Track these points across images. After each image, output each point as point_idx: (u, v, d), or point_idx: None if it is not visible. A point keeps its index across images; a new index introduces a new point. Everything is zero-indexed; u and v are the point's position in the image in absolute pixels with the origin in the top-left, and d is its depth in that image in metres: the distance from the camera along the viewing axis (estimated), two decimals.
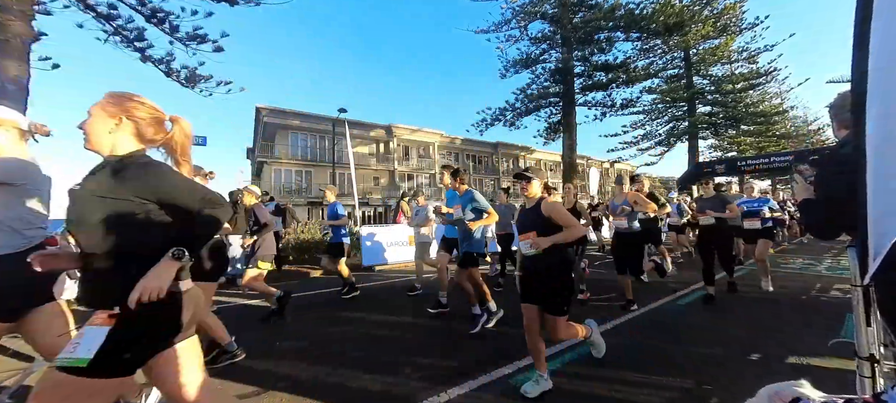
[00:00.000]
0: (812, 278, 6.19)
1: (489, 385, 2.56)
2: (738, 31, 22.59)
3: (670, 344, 3.28)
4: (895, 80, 0.91)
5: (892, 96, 0.92)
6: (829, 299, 4.77)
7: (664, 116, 25.64)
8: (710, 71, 24.57)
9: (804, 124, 32.69)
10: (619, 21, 19.29)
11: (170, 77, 10.45)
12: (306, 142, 28.03)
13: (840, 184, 1.31)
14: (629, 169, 51.65)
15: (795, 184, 1.78)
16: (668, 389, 2.44)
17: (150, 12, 9.56)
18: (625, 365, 2.85)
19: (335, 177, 24.46)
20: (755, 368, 2.76)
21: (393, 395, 2.46)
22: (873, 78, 0.95)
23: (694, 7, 20.62)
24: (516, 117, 22.14)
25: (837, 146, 1.52)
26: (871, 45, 0.95)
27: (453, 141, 34.72)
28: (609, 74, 21.02)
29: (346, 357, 3.16)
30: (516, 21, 20.41)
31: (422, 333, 3.81)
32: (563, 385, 2.55)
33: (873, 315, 1.28)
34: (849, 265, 1.39)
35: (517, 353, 3.07)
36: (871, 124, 0.97)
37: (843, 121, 1.60)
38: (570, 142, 20.50)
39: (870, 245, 1.04)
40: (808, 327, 3.66)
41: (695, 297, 5.05)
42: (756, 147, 25.76)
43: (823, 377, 2.55)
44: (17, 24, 7.03)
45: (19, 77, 7.06)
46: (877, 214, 0.99)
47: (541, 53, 20.97)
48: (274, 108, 25.92)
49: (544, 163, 43.55)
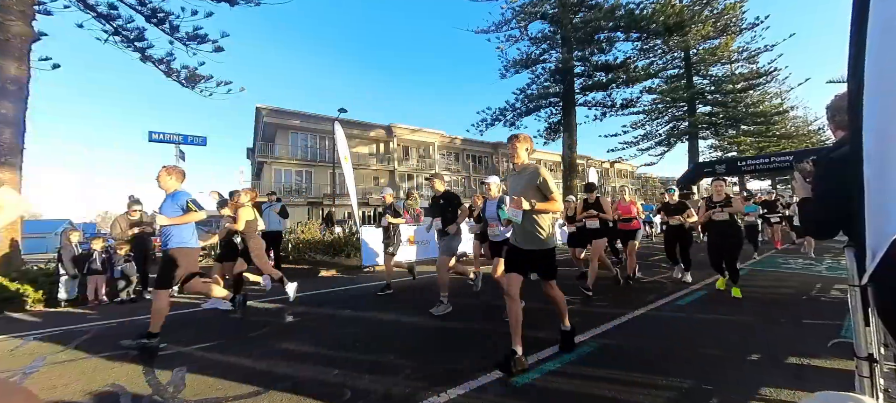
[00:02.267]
0: (812, 278, 6.19)
1: (489, 386, 2.56)
2: (738, 31, 22.60)
3: (670, 344, 3.28)
4: (892, 81, 0.91)
5: (888, 97, 0.92)
6: (829, 299, 4.77)
7: (664, 116, 25.66)
8: (711, 71, 24.60)
9: (804, 124, 32.70)
10: (619, 21, 19.29)
11: (170, 77, 10.46)
12: (306, 142, 28.02)
13: (838, 185, 1.31)
14: (629, 169, 51.61)
15: (794, 184, 1.79)
16: (668, 389, 2.44)
17: (150, 12, 9.56)
18: (625, 365, 2.85)
19: (335, 177, 24.46)
20: (755, 368, 2.76)
21: (393, 395, 2.46)
22: (870, 79, 0.95)
23: (694, 7, 20.63)
24: (516, 117, 22.14)
25: (835, 146, 1.53)
26: (868, 47, 0.95)
27: (453, 141, 34.71)
28: (609, 74, 21.02)
29: (347, 357, 3.16)
30: (516, 21, 20.40)
31: (422, 333, 3.81)
32: (563, 385, 2.56)
33: (872, 315, 1.28)
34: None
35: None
36: (867, 126, 0.97)
37: (841, 123, 1.60)
38: (571, 142, 20.50)
39: (867, 245, 1.04)
40: (808, 327, 3.66)
41: (695, 297, 5.05)
42: (756, 147, 25.76)
43: (823, 377, 2.55)
44: (17, 24, 7.03)
45: (19, 77, 7.06)
46: (874, 214, 0.99)
47: (541, 53, 20.98)
48: (274, 108, 25.91)
49: (544, 162, 43.57)
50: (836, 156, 1.42)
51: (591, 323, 3.88)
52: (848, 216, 1.21)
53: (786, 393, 2.35)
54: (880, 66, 0.92)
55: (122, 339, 3.72)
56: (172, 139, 11.85)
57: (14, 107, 6.94)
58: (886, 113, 0.92)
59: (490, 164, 38.33)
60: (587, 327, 3.75)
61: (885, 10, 0.90)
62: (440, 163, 33.43)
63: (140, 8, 9.47)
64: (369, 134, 30.30)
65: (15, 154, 6.94)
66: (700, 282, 5.93)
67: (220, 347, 3.50)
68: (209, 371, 2.94)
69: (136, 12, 9.47)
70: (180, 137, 11.98)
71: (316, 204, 26.17)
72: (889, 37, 0.90)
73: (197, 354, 3.34)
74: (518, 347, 2.79)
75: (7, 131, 6.81)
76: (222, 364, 3.09)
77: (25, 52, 7.22)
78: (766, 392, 2.38)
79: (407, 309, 4.72)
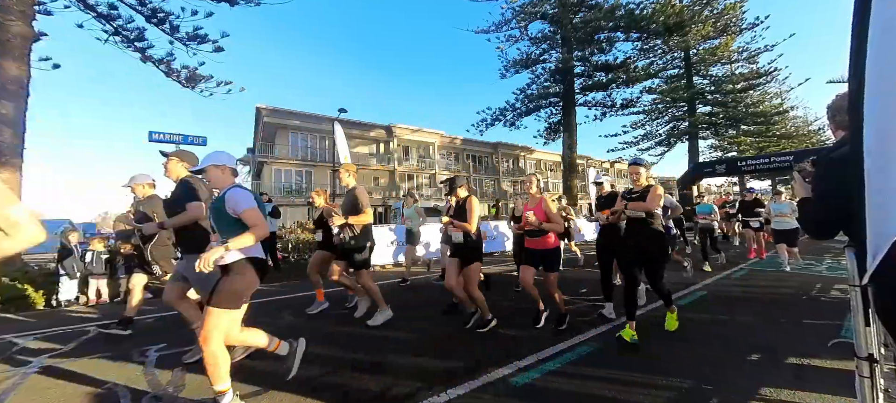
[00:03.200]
0: (812, 278, 6.19)
1: (489, 385, 2.56)
2: (738, 32, 22.61)
3: (670, 344, 3.28)
4: (892, 81, 0.91)
5: (889, 96, 0.92)
6: (830, 299, 4.77)
7: (664, 116, 25.68)
8: (711, 71, 24.62)
9: (804, 124, 32.71)
10: (619, 21, 19.32)
11: (170, 77, 10.47)
12: (306, 142, 28.01)
13: (838, 185, 1.31)
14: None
15: (794, 184, 1.79)
16: (668, 389, 2.44)
17: (150, 12, 9.57)
18: (625, 365, 2.85)
19: (335, 177, 24.46)
20: (755, 368, 2.76)
21: (393, 395, 2.46)
22: (870, 78, 0.95)
23: (694, 7, 20.64)
24: (516, 117, 22.18)
25: (835, 146, 1.53)
26: (869, 46, 0.95)
27: (453, 141, 34.70)
28: (609, 74, 21.05)
29: (347, 356, 3.16)
30: (516, 21, 20.43)
31: (422, 333, 3.81)
32: (563, 385, 2.56)
33: (872, 315, 1.28)
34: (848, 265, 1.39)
35: (517, 353, 3.08)
36: (868, 125, 0.97)
37: (841, 123, 1.60)
38: (571, 142, 20.52)
39: (868, 245, 1.04)
40: (808, 327, 3.66)
41: (695, 297, 5.05)
42: (756, 147, 25.78)
43: (823, 377, 2.55)
44: (18, 24, 7.03)
45: (19, 77, 7.06)
46: (874, 214, 0.99)
47: (541, 53, 21.01)
48: (274, 108, 25.90)
49: (544, 163, 43.54)
50: (836, 155, 1.42)
51: (591, 324, 3.88)
52: (848, 216, 1.21)
53: (786, 393, 2.35)
54: (881, 65, 0.92)
55: (122, 339, 3.72)
56: (173, 139, 11.86)
57: (14, 107, 6.94)
58: (887, 112, 0.92)
59: (490, 164, 38.33)
60: (587, 327, 3.75)
61: (885, 10, 0.90)
62: (440, 163, 33.42)
63: (140, 8, 9.47)
64: (369, 134, 30.29)
65: (15, 154, 6.94)
66: (700, 282, 5.92)
67: None
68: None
69: (136, 12, 9.48)
70: (180, 137, 11.98)
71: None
72: (889, 36, 0.90)
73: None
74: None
75: (7, 131, 6.81)
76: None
77: (25, 52, 7.23)
78: (766, 392, 2.37)
79: (406, 309, 4.72)
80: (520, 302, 4.81)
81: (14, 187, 6.89)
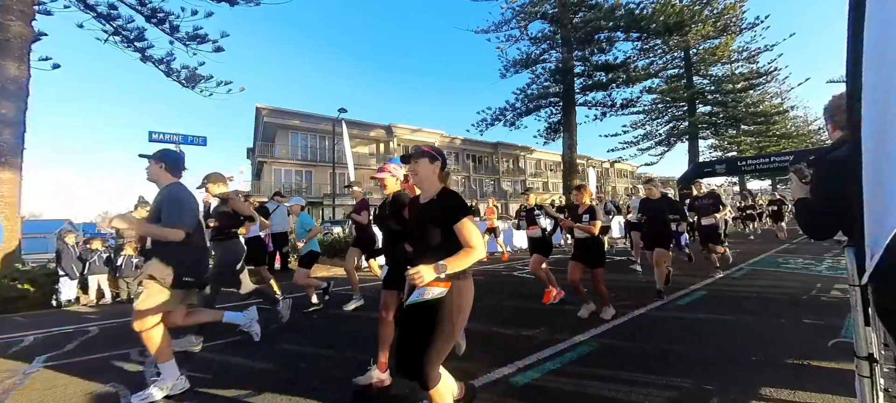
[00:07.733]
0: (812, 278, 6.18)
1: (489, 385, 2.56)
2: (738, 31, 22.60)
3: (670, 344, 3.28)
4: (890, 80, 0.91)
5: (887, 96, 0.92)
6: (829, 299, 4.76)
7: (664, 116, 25.68)
8: (710, 71, 24.60)
9: (804, 124, 32.72)
10: (619, 21, 19.29)
11: (170, 77, 10.48)
12: (306, 142, 28.03)
13: (836, 185, 1.31)
14: (630, 169, 51.64)
15: (792, 184, 1.78)
16: (668, 389, 2.44)
17: (150, 12, 9.58)
18: (625, 365, 2.85)
19: (335, 176, 24.46)
20: (755, 368, 2.75)
21: (393, 395, 2.46)
22: (867, 78, 0.95)
23: (694, 7, 20.62)
24: (516, 117, 22.15)
25: (833, 146, 1.52)
26: (866, 46, 0.95)
27: (453, 141, 34.71)
28: (609, 74, 21.02)
29: (347, 356, 3.16)
30: (516, 21, 20.42)
31: None
32: (563, 385, 2.55)
33: (872, 315, 1.28)
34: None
35: (517, 353, 3.08)
36: (866, 125, 0.97)
37: (839, 123, 1.60)
38: (571, 142, 20.50)
39: (866, 245, 1.04)
40: (808, 327, 3.66)
41: (694, 297, 5.05)
42: (756, 147, 25.79)
43: (823, 377, 2.55)
44: (17, 24, 7.03)
45: (19, 77, 7.07)
46: (873, 213, 0.99)
47: (541, 53, 20.99)
48: (274, 108, 25.91)
49: (544, 163, 43.55)
50: (834, 156, 1.42)
51: (591, 323, 3.88)
52: (847, 216, 1.21)
53: (786, 393, 2.35)
54: (878, 65, 0.92)
55: (122, 339, 3.72)
56: (173, 139, 11.85)
57: (14, 107, 6.94)
58: (885, 112, 0.92)
59: (490, 164, 38.34)
60: (587, 327, 3.75)
61: (880, 10, 0.90)
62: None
63: (140, 8, 9.48)
64: (369, 134, 30.31)
65: (15, 154, 6.94)
66: (700, 282, 5.92)
67: (220, 347, 3.50)
68: (209, 371, 2.94)
69: (136, 12, 9.49)
70: (180, 137, 11.98)
71: (316, 205, 26.15)
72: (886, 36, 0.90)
73: (197, 354, 3.34)
74: None
75: (7, 131, 6.81)
76: (222, 364, 3.09)
77: (25, 51, 7.23)
78: (766, 392, 2.37)
79: None
80: (520, 303, 4.81)
81: (14, 187, 6.90)
